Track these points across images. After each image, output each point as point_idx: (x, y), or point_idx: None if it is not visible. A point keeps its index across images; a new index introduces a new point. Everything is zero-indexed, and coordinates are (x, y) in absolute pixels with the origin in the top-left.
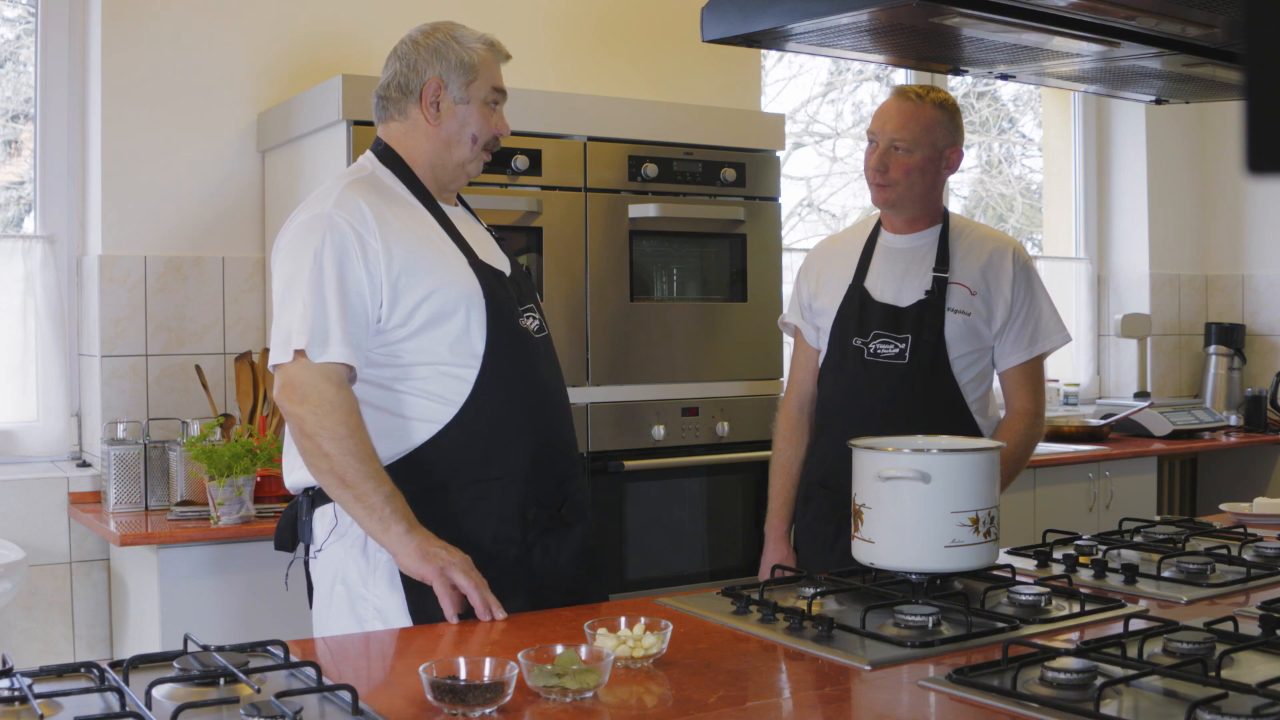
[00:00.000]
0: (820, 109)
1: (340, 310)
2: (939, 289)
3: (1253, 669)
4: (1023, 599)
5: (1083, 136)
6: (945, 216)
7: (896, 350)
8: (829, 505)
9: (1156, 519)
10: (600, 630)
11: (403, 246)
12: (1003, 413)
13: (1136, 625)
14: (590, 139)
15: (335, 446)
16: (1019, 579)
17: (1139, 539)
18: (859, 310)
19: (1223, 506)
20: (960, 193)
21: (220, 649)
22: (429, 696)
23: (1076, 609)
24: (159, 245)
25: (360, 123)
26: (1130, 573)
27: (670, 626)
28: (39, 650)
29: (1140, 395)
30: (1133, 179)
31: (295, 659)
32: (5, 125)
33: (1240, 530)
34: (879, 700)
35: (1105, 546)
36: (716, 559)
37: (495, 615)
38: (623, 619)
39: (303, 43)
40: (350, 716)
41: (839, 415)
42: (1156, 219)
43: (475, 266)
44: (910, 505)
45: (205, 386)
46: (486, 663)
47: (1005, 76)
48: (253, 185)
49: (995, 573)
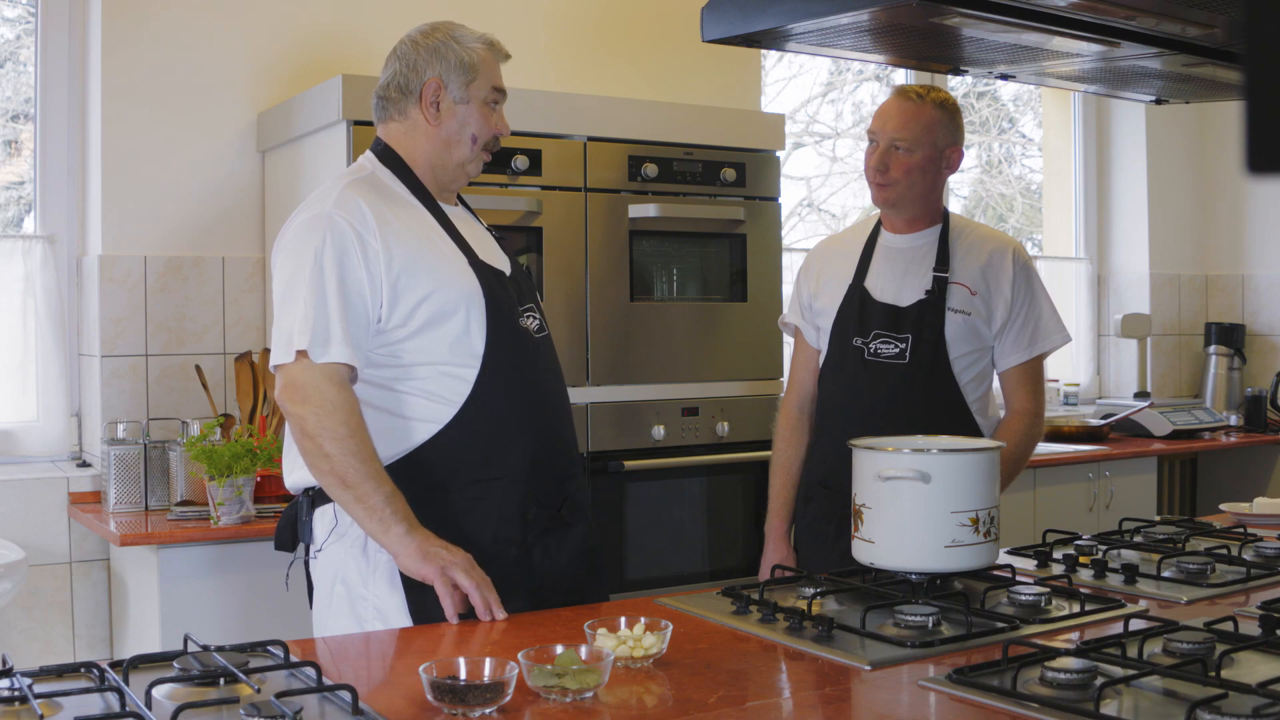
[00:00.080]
0: (820, 109)
1: (341, 310)
2: (939, 289)
3: (1253, 669)
4: (1023, 599)
5: (1083, 136)
6: (945, 216)
7: (897, 350)
8: (829, 505)
9: (1156, 519)
10: (600, 630)
11: (403, 246)
12: (1003, 413)
13: (1136, 625)
14: (590, 139)
15: (336, 447)
16: (1019, 579)
17: (1139, 539)
18: (859, 310)
19: (1223, 506)
20: (960, 193)
21: (220, 649)
22: (429, 696)
23: (1076, 609)
24: (159, 245)
25: (360, 123)
26: (1130, 573)
27: (670, 626)
28: (39, 650)
29: (1140, 395)
30: (1133, 179)
31: (295, 659)
32: (5, 125)
33: (1240, 530)
34: (879, 700)
35: (1105, 546)
36: (716, 559)
37: (496, 615)
38: (623, 619)
39: (303, 43)
40: (350, 716)
41: (839, 415)
42: (1156, 219)
43: (475, 266)
44: (910, 505)
45: (205, 386)
46: (486, 663)
47: (1005, 76)
48: (253, 185)
49: (995, 573)
